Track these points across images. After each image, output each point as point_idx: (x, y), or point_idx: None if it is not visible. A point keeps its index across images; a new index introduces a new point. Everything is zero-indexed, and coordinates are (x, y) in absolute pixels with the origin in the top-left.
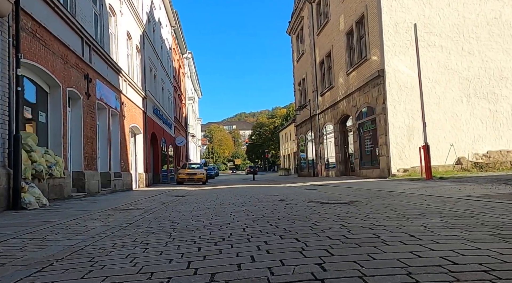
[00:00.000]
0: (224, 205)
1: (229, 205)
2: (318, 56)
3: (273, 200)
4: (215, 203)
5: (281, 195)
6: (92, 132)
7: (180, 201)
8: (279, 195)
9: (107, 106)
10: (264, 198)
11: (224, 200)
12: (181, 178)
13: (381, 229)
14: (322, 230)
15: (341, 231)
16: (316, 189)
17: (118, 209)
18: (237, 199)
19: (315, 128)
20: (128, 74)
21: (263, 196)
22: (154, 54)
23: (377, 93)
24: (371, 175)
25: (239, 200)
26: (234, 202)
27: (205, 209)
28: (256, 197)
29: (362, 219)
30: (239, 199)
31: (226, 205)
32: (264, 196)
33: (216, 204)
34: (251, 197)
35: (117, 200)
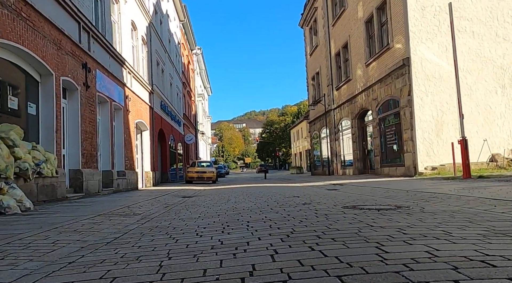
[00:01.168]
0: (237, 210)
1: (244, 210)
2: (333, 48)
3: (296, 203)
4: (227, 207)
5: (302, 196)
6: (91, 127)
7: (186, 203)
8: (300, 196)
9: (109, 100)
10: (284, 200)
11: (237, 203)
12: (190, 177)
13: (505, 263)
14: (405, 265)
15: (438, 268)
16: (339, 189)
17: (111, 214)
18: (252, 202)
19: (330, 124)
20: (133, 67)
21: (281, 197)
22: (162, 48)
23: (402, 84)
24: (394, 174)
25: (254, 203)
26: (249, 206)
27: (215, 215)
28: (274, 199)
29: (446, 239)
30: (255, 202)
31: (239, 210)
32: (283, 197)
33: (227, 208)
34: (268, 199)
35: (116, 202)
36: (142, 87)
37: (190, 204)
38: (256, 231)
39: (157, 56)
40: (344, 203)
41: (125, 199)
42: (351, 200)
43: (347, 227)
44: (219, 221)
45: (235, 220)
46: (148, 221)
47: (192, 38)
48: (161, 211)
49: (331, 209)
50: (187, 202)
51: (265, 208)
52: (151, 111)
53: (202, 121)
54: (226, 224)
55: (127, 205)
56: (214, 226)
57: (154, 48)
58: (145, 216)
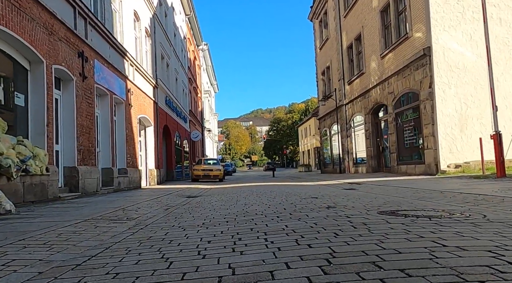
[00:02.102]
0: (249, 215)
1: (257, 215)
2: (345, 41)
3: (318, 207)
4: (236, 210)
5: (321, 197)
6: (89, 121)
7: (190, 205)
8: (319, 197)
9: (109, 92)
10: (301, 202)
11: (247, 206)
12: (196, 175)
13: None
14: None
15: None
16: (357, 189)
17: (100, 219)
18: (265, 204)
19: (341, 120)
20: (136, 59)
21: (297, 198)
22: (167, 41)
23: (422, 76)
24: (412, 172)
25: (268, 206)
26: (263, 209)
27: (222, 222)
28: (289, 201)
29: None
30: (268, 204)
31: (252, 215)
32: (299, 198)
33: (237, 212)
34: (283, 200)
35: (113, 202)
36: (145, 80)
37: (194, 206)
38: (279, 249)
39: (162, 50)
40: (376, 207)
41: (124, 200)
42: (381, 203)
43: (408, 246)
44: (227, 231)
45: (248, 230)
46: (141, 229)
47: (198, 33)
48: (160, 215)
49: (366, 215)
50: (191, 203)
51: (282, 213)
52: (155, 106)
53: (209, 118)
54: (237, 237)
55: (124, 206)
56: (222, 239)
57: (159, 41)
58: (140, 222)
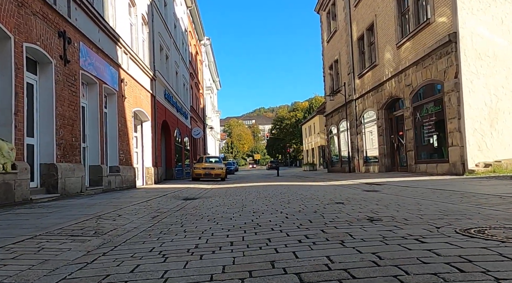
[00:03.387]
0: (263, 232)
1: (276, 233)
2: (355, 32)
3: (356, 219)
4: (243, 222)
5: (348, 203)
6: (72, 112)
7: (185, 210)
8: (345, 203)
9: (98, 81)
10: (328, 210)
11: (257, 214)
12: (196, 174)
13: None
14: None
15: None
16: (381, 190)
17: (59, 233)
18: (280, 212)
19: (351, 116)
20: (131, 47)
21: (320, 204)
22: (166, 32)
23: (446, 65)
24: (433, 171)
25: (286, 216)
26: (280, 220)
27: (225, 245)
28: (311, 208)
29: None
30: (285, 212)
31: (267, 232)
32: (322, 204)
33: (245, 226)
34: (302, 206)
35: (92, 207)
36: (142, 71)
37: (190, 213)
38: None
39: (161, 40)
40: (437, 219)
41: (108, 203)
42: (436, 212)
43: None
44: (233, 266)
45: (265, 264)
46: (102, 254)
47: (200, 28)
48: (141, 227)
49: (443, 236)
50: (187, 208)
51: (310, 229)
52: (153, 100)
53: (211, 115)
54: (252, 280)
55: (102, 213)
56: None
57: (157, 31)
58: (108, 240)
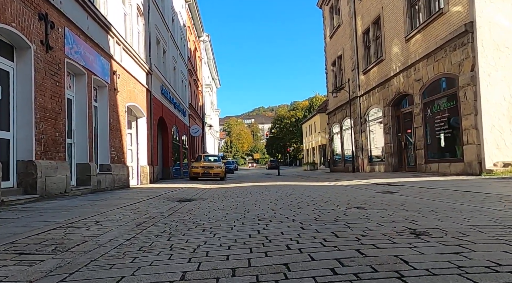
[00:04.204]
0: (276, 254)
1: (294, 255)
2: (360, 26)
3: (395, 231)
4: (247, 234)
5: (370, 208)
6: (55, 104)
7: (177, 216)
8: (367, 208)
9: (86, 71)
10: (351, 218)
11: (263, 221)
12: (194, 173)
13: None
14: None
15: None
16: (397, 192)
17: (5, 251)
18: (292, 220)
19: (355, 114)
20: (125, 38)
21: (338, 210)
22: (163, 25)
23: (461, 57)
24: (446, 171)
25: (301, 225)
26: (295, 232)
27: (223, 274)
28: (330, 216)
29: None
30: (299, 221)
31: (279, 253)
32: (340, 210)
33: (250, 241)
34: (318, 212)
35: (69, 211)
36: (136, 64)
37: (182, 219)
38: None
39: (157, 33)
40: (503, 234)
41: (90, 206)
42: (492, 221)
43: None
44: None
45: None
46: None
47: (199, 24)
48: (117, 240)
49: None
50: (181, 212)
51: (340, 247)
52: (149, 95)
53: (210, 113)
54: None
55: (76, 220)
56: None
57: (154, 23)
58: (66, 263)
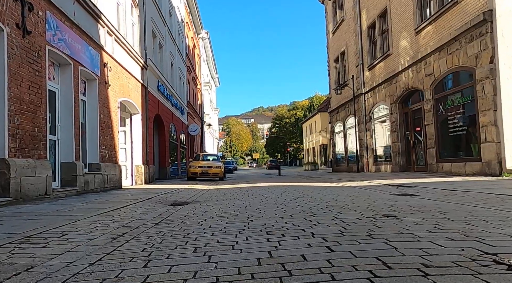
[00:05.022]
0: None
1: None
2: (365, 20)
3: (468, 256)
4: (254, 256)
5: (402, 217)
6: (34, 95)
7: (166, 225)
8: (400, 218)
9: (72, 61)
10: (386, 232)
11: (275, 237)
12: (192, 173)
13: None
14: None
15: None
16: (417, 195)
17: None
18: (309, 234)
19: (359, 112)
20: (118, 30)
21: (363, 219)
22: (160, 19)
23: (478, 49)
24: (460, 171)
25: (322, 242)
26: (321, 255)
27: None
28: (353, 224)
29: None
30: (318, 234)
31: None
32: (366, 218)
33: (260, 269)
34: (338, 220)
35: (37, 220)
36: (130, 57)
37: (171, 231)
38: None
39: (154, 27)
40: None
41: (67, 212)
42: None
43: None
44: None
45: None
46: None
47: (198, 20)
48: (77, 265)
49: None
50: (171, 219)
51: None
52: (144, 91)
53: (209, 112)
54: None
55: (37, 232)
56: None
57: (149, 16)
58: None
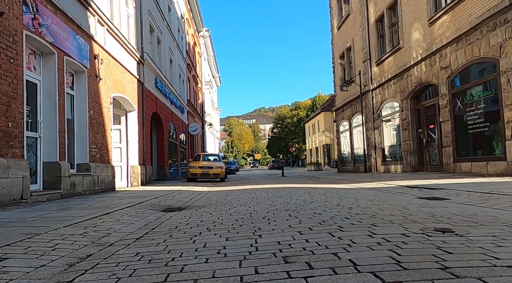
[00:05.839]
0: None
1: None
2: (372, 13)
3: None
4: None
5: (464, 232)
6: (8, 86)
7: (147, 243)
8: (461, 233)
9: (56, 50)
10: (456, 255)
11: (298, 268)
12: (192, 173)
13: None
14: None
15: None
16: (449, 199)
17: None
18: (349, 263)
19: (366, 109)
20: (112, 20)
21: (404, 230)
22: (158, 13)
23: (503, 38)
24: (482, 171)
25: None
26: None
27: None
28: (402, 243)
29: None
30: (364, 264)
31: None
32: (414, 233)
33: None
34: (377, 237)
35: None
36: (125, 51)
37: (151, 253)
38: None
39: (151, 20)
40: None
41: (33, 222)
42: None
43: None
44: None
45: None
46: None
47: (198, 18)
48: None
49: None
50: (157, 232)
51: None
52: (141, 87)
53: (210, 112)
54: None
55: None
56: None
57: (146, 8)
58: None
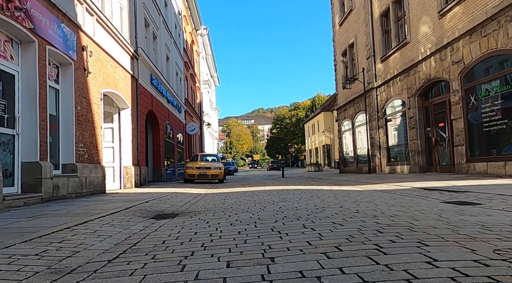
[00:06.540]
0: None
1: None
2: (377, 7)
3: None
4: None
5: None
6: None
7: (120, 268)
8: None
9: (37, 39)
10: None
11: None
12: (189, 174)
13: None
14: None
15: None
16: (483, 204)
17: None
18: None
19: (370, 108)
20: (103, 11)
21: (470, 251)
22: (154, 7)
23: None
24: (499, 172)
25: None
26: None
27: None
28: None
29: None
30: None
31: None
32: (483, 257)
33: None
34: (457, 271)
35: None
36: (117, 44)
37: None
38: None
39: (146, 14)
40: None
41: None
42: None
43: None
44: None
45: None
46: None
47: (197, 16)
48: None
49: None
50: (138, 250)
51: None
52: (135, 83)
53: (209, 112)
54: None
55: None
56: None
57: (141, 1)
58: None
